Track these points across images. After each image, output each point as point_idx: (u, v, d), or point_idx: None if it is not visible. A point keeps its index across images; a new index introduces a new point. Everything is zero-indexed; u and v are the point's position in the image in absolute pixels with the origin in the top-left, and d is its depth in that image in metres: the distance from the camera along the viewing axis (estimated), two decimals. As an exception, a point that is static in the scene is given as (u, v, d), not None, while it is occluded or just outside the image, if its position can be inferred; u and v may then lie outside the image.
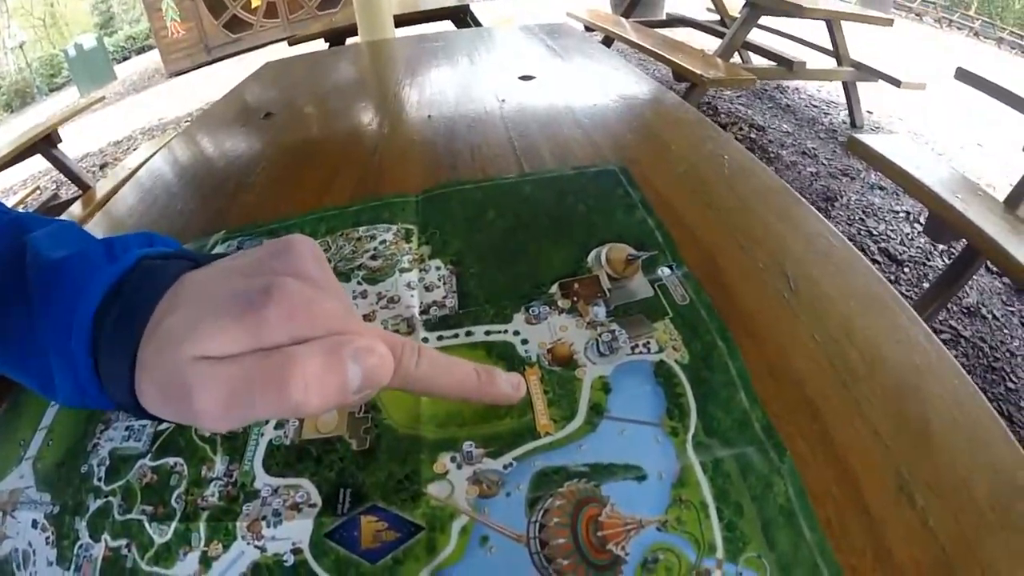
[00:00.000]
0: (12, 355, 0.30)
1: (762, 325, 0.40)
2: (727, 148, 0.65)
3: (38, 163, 3.17)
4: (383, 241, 0.51)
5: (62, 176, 3.22)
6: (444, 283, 0.45)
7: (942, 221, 1.57)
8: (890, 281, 1.95)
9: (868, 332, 0.39)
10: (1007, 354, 1.74)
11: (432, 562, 0.28)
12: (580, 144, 0.69)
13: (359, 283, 0.46)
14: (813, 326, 0.39)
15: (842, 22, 3.04)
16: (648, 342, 0.37)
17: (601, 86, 0.90)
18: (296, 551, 0.29)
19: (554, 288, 0.43)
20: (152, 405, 0.23)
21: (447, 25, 3.09)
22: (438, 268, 0.46)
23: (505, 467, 0.31)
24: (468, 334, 0.40)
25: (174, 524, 0.32)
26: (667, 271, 0.43)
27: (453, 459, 0.32)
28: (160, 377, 0.22)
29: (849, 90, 3.24)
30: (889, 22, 2.96)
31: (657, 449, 0.31)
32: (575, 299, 0.41)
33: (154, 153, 2.84)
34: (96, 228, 0.71)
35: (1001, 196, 1.73)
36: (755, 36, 3.26)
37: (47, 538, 0.33)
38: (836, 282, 0.43)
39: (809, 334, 0.39)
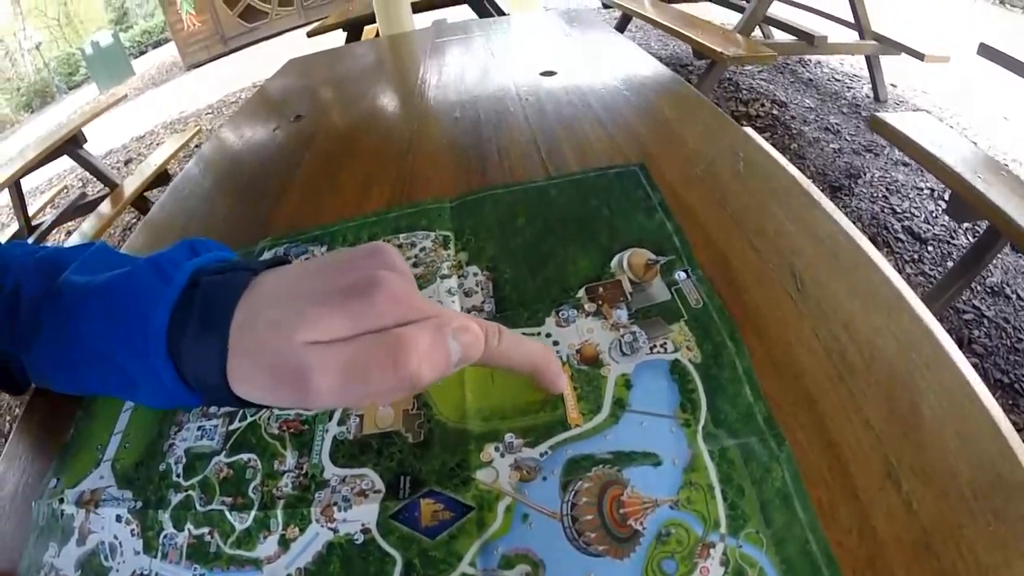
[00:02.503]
0: (82, 381, 0.33)
1: (769, 322, 0.42)
2: (744, 145, 0.67)
3: (63, 162, 3.22)
4: (423, 248, 0.54)
5: (87, 174, 3.28)
6: (481, 288, 0.48)
7: (963, 201, 1.55)
8: (913, 260, 1.95)
9: (868, 330, 0.41)
10: (1031, 336, 1.72)
11: (482, 536, 0.32)
12: (601, 143, 0.70)
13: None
14: (816, 323, 0.42)
15: (864, -6, 2.97)
16: (665, 343, 0.40)
17: (621, 80, 0.91)
18: (365, 530, 0.33)
19: (581, 292, 0.46)
20: (254, 391, 0.25)
21: (464, 9, 3.09)
22: (475, 274, 0.49)
23: (541, 455, 0.35)
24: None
25: (253, 512, 0.35)
26: (683, 275, 0.46)
27: (497, 448, 0.36)
28: (269, 363, 0.24)
29: (872, 64, 3.16)
30: (914, -7, 2.89)
31: (671, 438, 0.34)
32: (600, 302, 0.44)
33: (179, 148, 2.91)
34: (142, 239, 0.74)
35: (1025, 173, 1.71)
36: (776, 9, 3.19)
37: (131, 530, 0.37)
38: (842, 281, 0.45)
39: (812, 331, 0.41)
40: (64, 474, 0.42)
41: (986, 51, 1.85)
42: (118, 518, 0.37)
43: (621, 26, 3.75)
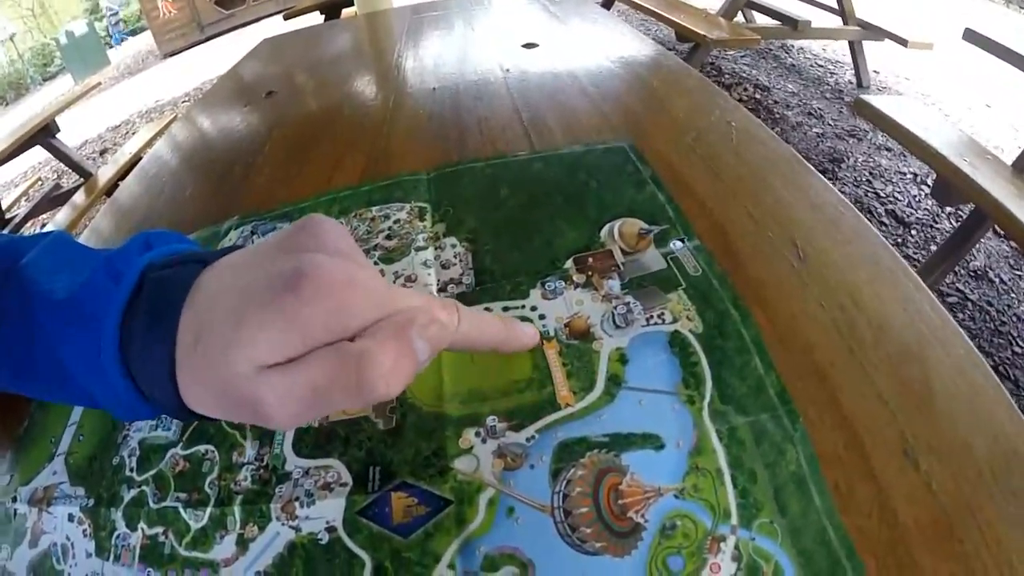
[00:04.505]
0: (42, 386, 0.29)
1: (771, 294, 0.40)
2: (734, 115, 0.65)
3: (37, 154, 3.14)
4: (397, 220, 0.51)
5: (63, 165, 3.20)
6: (460, 260, 0.45)
7: (949, 184, 1.54)
8: (897, 244, 1.96)
9: (875, 300, 0.39)
10: (1014, 318, 1.73)
11: (461, 534, 0.29)
12: (587, 114, 0.68)
13: (376, 263, 0.46)
14: (821, 294, 0.40)
15: (848, -21, 2.97)
16: (662, 313, 0.38)
17: (605, 52, 0.89)
18: (330, 529, 0.30)
19: (568, 263, 0.43)
20: (208, 411, 0.23)
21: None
22: (453, 246, 0.47)
23: (528, 440, 0.32)
24: (486, 311, 0.40)
25: (209, 509, 0.33)
26: (679, 244, 0.44)
27: (478, 434, 0.32)
28: (218, 388, 0.21)
29: (855, 49, 3.17)
30: (896, -22, 2.89)
31: (674, 418, 0.32)
32: (590, 273, 0.42)
33: (155, 136, 2.83)
34: (106, 221, 0.71)
35: (1010, 158, 1.70)
36: (758, -6, 3.20)
37: (84, 530, 0.34)
38: (844, 251, 0.44)
39: (817, 302, 0.39)
40: (18, 469, 0.40)
41: (971, 36, 1.82)
42: (70, 517, 0.35)
43: (604, 8, 3.72)
